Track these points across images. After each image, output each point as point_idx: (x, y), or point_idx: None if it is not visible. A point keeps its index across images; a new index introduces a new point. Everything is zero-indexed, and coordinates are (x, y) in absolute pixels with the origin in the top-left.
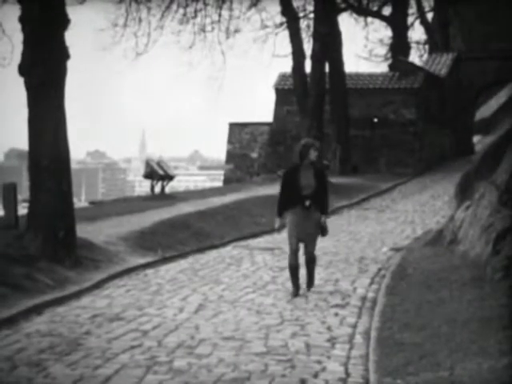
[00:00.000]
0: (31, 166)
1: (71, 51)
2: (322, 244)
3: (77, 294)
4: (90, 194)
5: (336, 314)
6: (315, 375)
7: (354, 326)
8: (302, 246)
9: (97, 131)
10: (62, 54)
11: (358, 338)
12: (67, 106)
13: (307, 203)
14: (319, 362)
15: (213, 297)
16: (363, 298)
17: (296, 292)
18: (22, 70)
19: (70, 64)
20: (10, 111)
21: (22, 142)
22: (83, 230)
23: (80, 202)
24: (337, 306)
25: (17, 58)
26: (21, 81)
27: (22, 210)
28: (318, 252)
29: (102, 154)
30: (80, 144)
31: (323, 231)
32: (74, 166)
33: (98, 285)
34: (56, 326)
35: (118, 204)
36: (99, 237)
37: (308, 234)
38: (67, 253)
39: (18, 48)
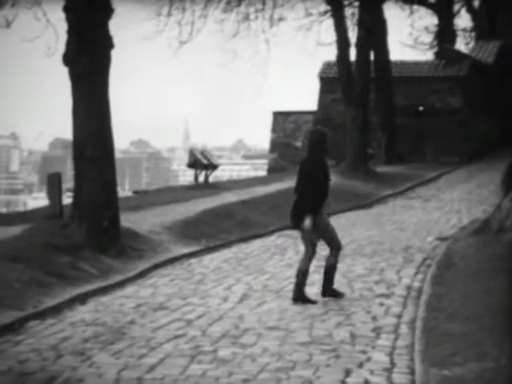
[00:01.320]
0: (75, 155)
1: (115, 41)
2: (367, 233)
3: (121, 283)
4: (133, 183)
5: (381, 304)
6: (360, 365)
7: (400, 316)
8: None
9: (140, 120)
10: (106, 43)
11: (404, 328)
12: (111, 95)
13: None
14: (364, 352)
15: (257, 286)
16: (408, 288)
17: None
18: (67, 59)
19: (113, 53)
20: (55, 101)
21: (67, 132)
22: (127, 220)
23: (124, 191)
24: (382, 295)
25: (61, 47)
26: (65, 70)
27: (67, 199)
28: (363, 241)
29: (145, 143)
30: (123, 133)
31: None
32: (117, 155)
33: (142, 274)
34: (100, 315)
35: (162, 193)
36: (143, 226)
37: (330, 228)
38: (111, 242)
39: (63, 38)
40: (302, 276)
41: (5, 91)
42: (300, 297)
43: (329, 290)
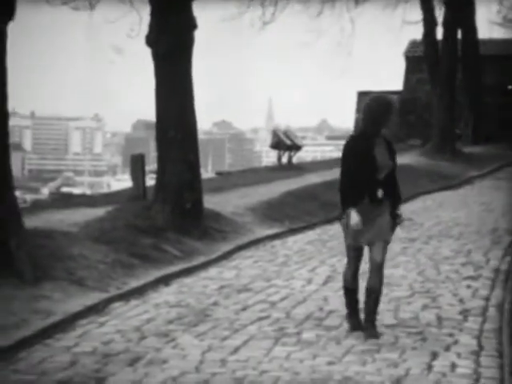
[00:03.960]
0: (158, 136)
1: (198, 22)
2: (454, 214)
3: (204, 264)
4: (216, 164)
5: (468, 286)
6: (447, 348)
7: (487, 299)
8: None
9: (223, 101)
10: (189, 24)
11: (492, 311)
12: (194, 76)
13: (380, 193)
14: (451, 335)
15: (341, 268)
16: (496, 270)
17: (355, 325)
18: (150, 40)
19: (197, 34)
20: (137, 82)
21: (149, 113)
22: (210, 201)
23: (207, 172)
24: (469, 277)
25: (144, 29)
26: (148, 51)
27: (150, 181)
28: (449, 223)
29: (228, 124)
30: (206, 114)
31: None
32: (200, 136)
33: (226, 256)
34: (184, 297)
35: (245, 175)
36: (226, 208)
37: (377, 237)
38: (194, 224)
39: (145, 19)
40: (348, 296)
41: (88, 74)
42: (351, 322)
43: (366, 322)
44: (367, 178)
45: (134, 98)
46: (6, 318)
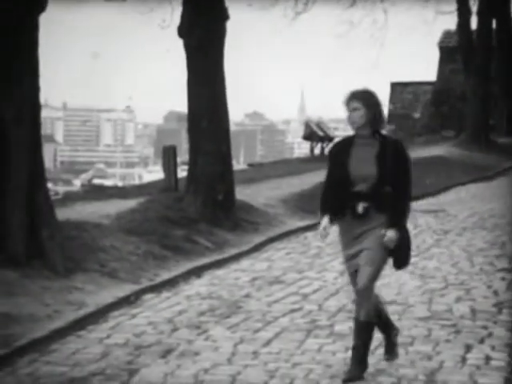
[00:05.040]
0: (191, 128)
1: (230, 12)
2: (488, 206)
3: (236, 256)
4: (248, 156)
5: (503, 279)
6: (481, 341)
7: None
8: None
9: (255, 92)
10: (222, 15)
11: None
12: (226, 67)
13: (360, 208)
14: (485, 328)
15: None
16: None
17: (353, 372)
18: (182, 31)
19: (228, 25)
20: (169, 74)
21: (181, 105)
22: (242, 193)
23: (239, 164)
24: (503, 270)
25: (176, 20)
26: (180, 43)
27: (182, 172)
28: (483, 215)
29: (260, 115)
30: (238, 105)
31: (397, 256)
32: (232, 127)
33: (257, 247)
34: (216, 289)
35: (277, 166)
36: (258, 199)
37: (363, 257)
38: (226, 215)
39: (177, 10)
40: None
41: (119, 65)
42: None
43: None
44: (344, 189)
45: (165, 89)
46: (39, 309)
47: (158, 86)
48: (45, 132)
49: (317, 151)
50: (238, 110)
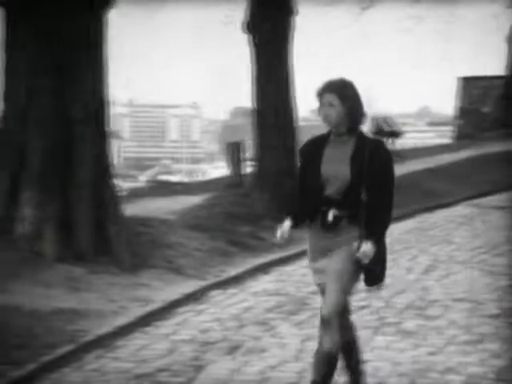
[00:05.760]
0: (257, 123)
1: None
2: None
3: (303, 253)
4: None
5: None
6: None
7: None
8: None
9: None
10: (289, 10)
11: None
12: (294, 63)
13: (330, 216)
14: None
15: (443, 257)
16: None
17: None
18: (248, 26)
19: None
20: (235, 70)
21: (247, 100)
22: None
23: None
24: None
25: (239, 15)
26: (243, 38)
27: (247, 168)
28: None
29: None
30: (305, 101)
31: (368, 275)
32: (299, 123)
33: None
34: (283, 285)
35: None
36: None
37: (329, 275)
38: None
39: (241, 6)
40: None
41: (184, 61)
42: None
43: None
44: (314, 193)
45: (231, 85)
46: (106, 305)
47: (223, 81)
48: (111, 128)
49: None
50: (304, 105)
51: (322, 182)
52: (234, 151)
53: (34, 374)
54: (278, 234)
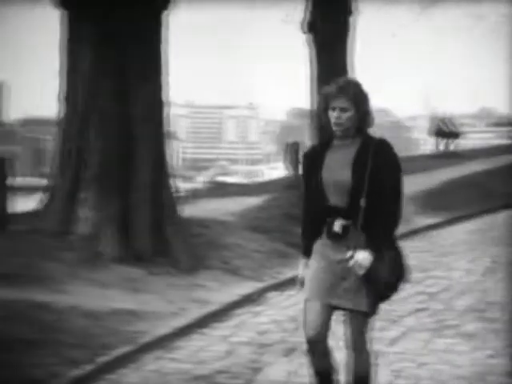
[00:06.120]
0: (316, 124)
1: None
2: None
3: None
4: None
5: None
6: None
7: None
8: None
9: (380, 88)
10: (349, 10)
11: None
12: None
13: (337, 227)
14: None
15: (502, 259)
16: None
17: None
18: (308, 27)
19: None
20: (291, 70)
21: (304, 101)
22: None
23: None
24: None
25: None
26: (299, 37)
27: None
28: None
29: (386, 111)
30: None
31: (370, 287)
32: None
33: None
34: None
35: (403, 163)
36: None
37: (348, 302)
38: None
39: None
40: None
41: (241, 61)
42: None
43: None
44: (319, 204)
45: (287, 86)
46: (164, 306)
47: (280, 81)
48: (169, 129)
49: (443, 147)
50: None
51: (324, 191)
52: (292, 152)
53: (91, 375)
54: (299, 284)
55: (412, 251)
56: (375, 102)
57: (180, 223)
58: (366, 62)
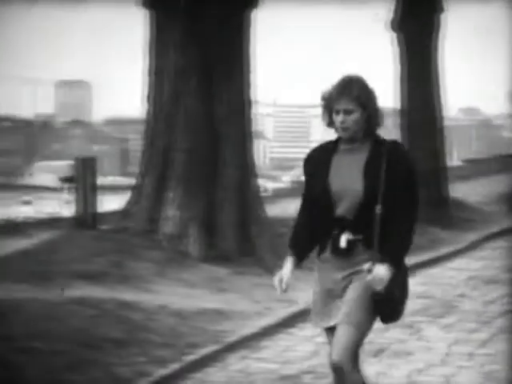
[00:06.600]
0: (403, 124)
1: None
2: None
3: (450, 254)
4: (461, 151)
5: None
6: None
7: None
8: None
9: (469, 86)
10: (437, 7)
11: None
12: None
13: (343, 242)
14: None
15: None
16: None
17: None
18: (396, 25)
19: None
20: (376, 69)
21: (393, 100)
22: (455, 189)
23: (451, 160)
24: None
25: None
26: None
27: None
28: None
29: (475, 110)
30: (452, 100)
31: (384, 305)
32: (445, 122)
33: (473, 246)
34: (429, 288)
35: (492, 162)
36: (471, 196)
37: (341, 315)
38: (441, 212)
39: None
40: None
41: (324, 61)
42: None
43: None
44: (323, 214)
45: (375, 86)
46: (250, 305)
47: (369, 81)
48: (255, 128)
49: None
50: (452, 104)
51: (330, 200)
52: None
53: (178, 373)
54: (276, 282)
55: (503, 252)
56: (463, 100)
57: (265, 223)
58: (457, 61)
